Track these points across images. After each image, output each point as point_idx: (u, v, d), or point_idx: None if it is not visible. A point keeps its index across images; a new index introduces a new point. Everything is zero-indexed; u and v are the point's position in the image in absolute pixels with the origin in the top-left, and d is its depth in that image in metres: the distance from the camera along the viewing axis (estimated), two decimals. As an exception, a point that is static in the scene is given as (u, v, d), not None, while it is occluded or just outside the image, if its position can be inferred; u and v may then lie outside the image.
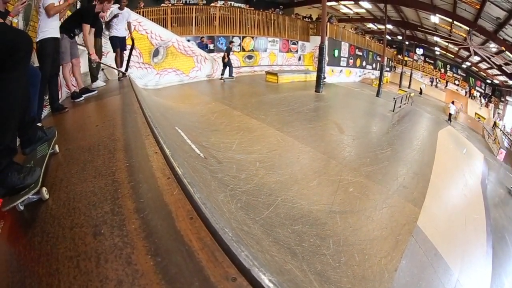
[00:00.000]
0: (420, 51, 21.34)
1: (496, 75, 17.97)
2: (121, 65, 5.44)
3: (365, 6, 15.82)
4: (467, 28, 13.13)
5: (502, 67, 15.43)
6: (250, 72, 11.66)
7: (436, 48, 20.00)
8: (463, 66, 20.58)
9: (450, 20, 13.46)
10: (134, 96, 3.77)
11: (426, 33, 17.68)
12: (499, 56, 14.08)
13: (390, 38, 20.94)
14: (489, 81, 19.67)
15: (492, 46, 13.54)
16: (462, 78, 21.20)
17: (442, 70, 22.00)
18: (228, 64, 9.16)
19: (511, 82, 16.58)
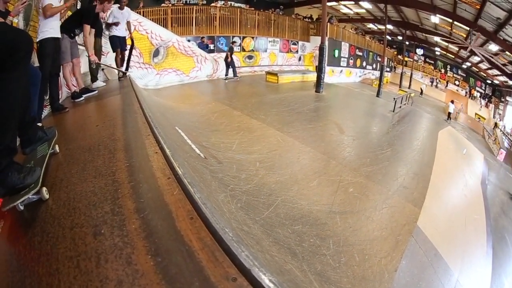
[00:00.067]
0: (420, 52, 21.34)
1: (496, 76, 17.97)
2: (121, 64, 5.44)
3: (365, 6, 15.83)
4: (467, 28, 13.13)
5: (503, 68, 15.43)
6: (250, 72, 11.66)
7: (436, 48, 20.01)
8: (463, 66, 20.59)
9: (450, 20, 13.46)
10: (135, 96, 3.77)
11: (426, 33, 17.69)
12: (499, 56, 14.08)
13: (390, 38, 20.95)
14: (489, 81, 19.68)
15: (492, 48, 13.53)
16: (462, 78, 21.21)
17: (442, 70, 22.01)
18: (231, 64, 9.14)
19: (511, 83, 16.58)
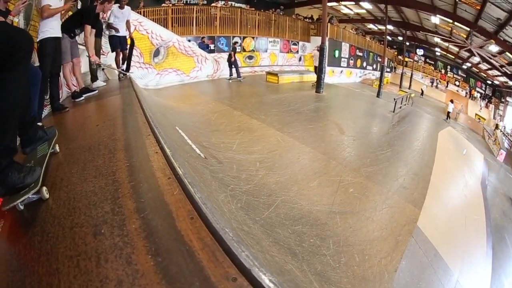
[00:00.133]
0: (420, 52, 21.32)
1: (496, 76, 17.97)
2: (122, 64, 5.44)
3: (365, 6, 15.83)
4: (468, 29, 13.13)
5: (503, 68, 15.43)
6: (250, 72, 11.65)
7: (436, 48, 20.00)
8: (464, 67, 20.59)
9: (451, 20, 13.46)
10: (135, 96, 3.77)
11: (427, 33, 17.69)
12: (500, 56, 14.08)
13: (390, 38, 20.95)
14: (489, 82, 19.68)
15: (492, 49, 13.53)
16: (462, 79, 21.21)
17: (443, 71, 22.01)
18: (234, 64, 9.10)
19: (511, 83, 16.58)
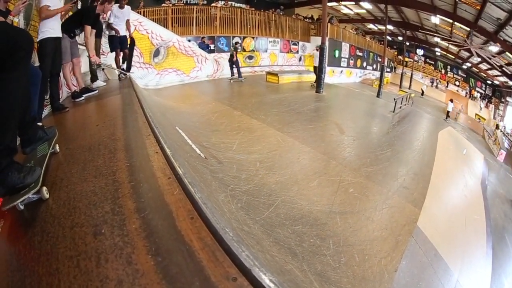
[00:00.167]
0: (420, 52, 21.32)
1: (496, 76, 17.96)
2: (122, 63, 5.43)
3: (365, 6, 15.82)
4: (468, 29, 13.12)
5: (503, 68, 15.42)
6: (250, 72, 11.65)
7: (436, 49, 20.00)
8: (464, 67, 20.59)
9: (451, 20, 13.45)
10: (135, 95, 3.76)
11: (427, 33, 17.68)
12: (500, 56, 14.08)
13: (390, 38, 20.95)
14: (489, 82, 19.68)
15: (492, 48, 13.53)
16: (462, 79, 21.20)
17: (443, 71, 22.01)
18: (236, 64, 9.10)
19: (511, 83, 16.58)
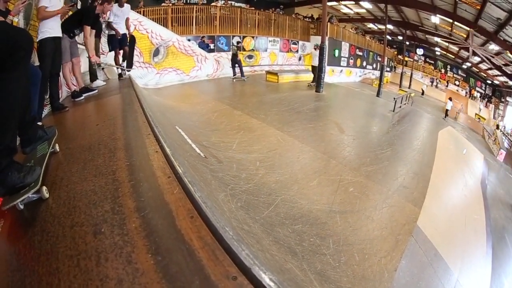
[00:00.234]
0: (420, 52, 21.32)
1: (496, 76, 17.96)
2: (122, 62, 5.42)
3: (365, 6, 15.80)
4: (468, 28, 13.12)
5: (502, 68, 15.42)
6: (250, 71, 11.64)
7: (436, 48, 19.99)
8: (464, 66, 20.57)
9: (451, 20, 13.45)
10: (135, 95, 3.76)
11: (427, 33, 17.67)
12: (500, 56, 14.07)
13: (390, 38, 20.93)
14: (489, 81, 19.68)
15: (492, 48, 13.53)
16: (462, 78, 21.19)
17: (443, 70, 21.99)
18: (238, 63, 9.12)
19: (511, 83, 16.57)
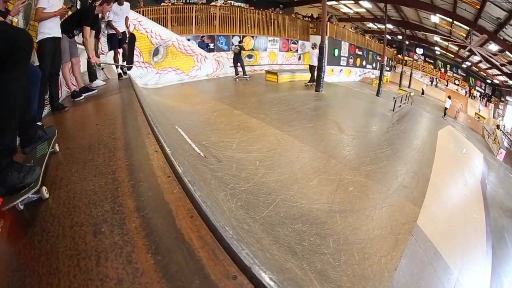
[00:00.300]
0: (420, 51, 21.30)
1: (496, 75, 17.95)
2: (123, 61, 5.40)
3: (365, 5, 15.79)
4: (467, 28, 13.11)
5: (502, 67, 15.42)
6: (250, 71, 11.62)
7: (436, 47, 19.98)
8: (463, 66, 20.57)
9: (450, 20, 13.44)
10: (134, 95, 3.76)
11: (426, 32, 17.67)
12: (499, 56, 14.07)
13: (390, 37, 20.91)
14: (489, 81, 19.66)
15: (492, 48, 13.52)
16: (462, 78, 21.18)
17: (442, 69, 21.98)
18: (241, 62, 9.14)
19: (511, 82, 16.57)
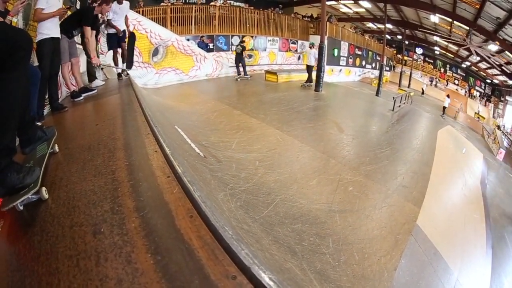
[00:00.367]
0: (419, 51, 21.31)
1: (495, 75, 17.96)
2: (123, 62, 5.39)
3: (365, 5, 15.79)
4: (467, 28, 13.11)
5: (502, 67, 15.43)
6: (249, 71, 11.62)
7: (435, 47, 19.99)
8: (463, 65, 20.57)
9: (450, 19, 13.44)
10: (134, 95, 3.76)
11: (426, 32, 17.67)
12: (499, 55, 14.08)
13: (389, 37, 20.91)
14: (488, 80, 19.67)
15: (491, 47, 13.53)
16: (461, 77, 21.19)
17: (442, 69, 21.98)
18: (242, 62, 9.16)
19: (511, 82, 16.58)
